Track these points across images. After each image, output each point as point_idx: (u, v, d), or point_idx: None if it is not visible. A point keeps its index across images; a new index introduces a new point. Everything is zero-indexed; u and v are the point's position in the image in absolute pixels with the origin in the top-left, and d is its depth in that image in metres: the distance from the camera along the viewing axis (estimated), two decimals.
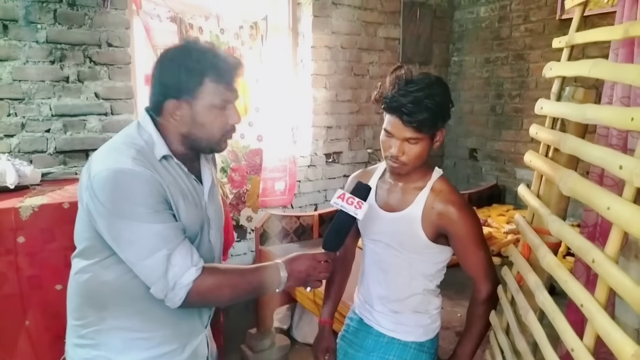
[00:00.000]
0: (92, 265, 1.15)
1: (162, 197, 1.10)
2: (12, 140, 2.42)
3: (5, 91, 2.37)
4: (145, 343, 1.18)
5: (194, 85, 1.11)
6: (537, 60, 3.44)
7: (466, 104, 4.03)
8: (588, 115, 0.95)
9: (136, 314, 1.16)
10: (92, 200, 1.08)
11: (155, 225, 1.07)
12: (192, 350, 1.26)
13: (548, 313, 1.01)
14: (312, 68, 3.39)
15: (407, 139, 1.26)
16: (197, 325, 1.28)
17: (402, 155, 1.28)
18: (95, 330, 1.16)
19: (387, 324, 1.41)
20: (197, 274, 1.09)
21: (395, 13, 3.69)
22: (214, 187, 1.31)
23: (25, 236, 1.77)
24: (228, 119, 1.17)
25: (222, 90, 1.14)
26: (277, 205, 3.33)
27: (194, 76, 1.11)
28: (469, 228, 1.31)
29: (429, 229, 1.31)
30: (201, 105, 1.13)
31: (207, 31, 2.87)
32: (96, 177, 1.07)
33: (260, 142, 3.14)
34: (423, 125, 1.24)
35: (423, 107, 1.22)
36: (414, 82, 1.25)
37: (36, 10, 2.39)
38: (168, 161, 1.15)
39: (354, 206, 1.23)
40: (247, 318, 2.95)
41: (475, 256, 1.34)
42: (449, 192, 1.33)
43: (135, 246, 1.07)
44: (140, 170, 1.07)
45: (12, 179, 1.98)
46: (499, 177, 3.80)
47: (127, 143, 1.12)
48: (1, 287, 1.76)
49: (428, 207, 1.31)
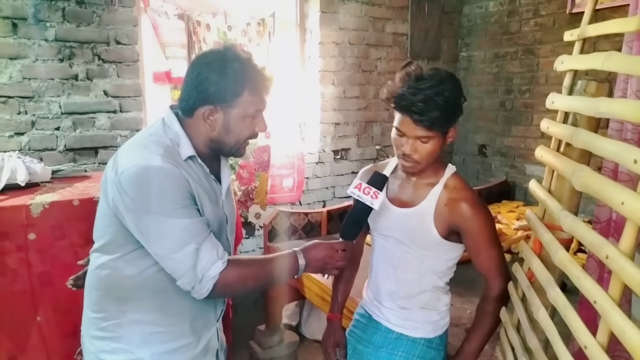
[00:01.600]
0: (114, 260, 1.18)
1: (189, 193, 1.14)
2: (22, 138, 2.44)
3: (15, 89, 2.39)
4: (162, 336, 1.22)
5: (234, 95, 1.16)
6: (547, 55, 3.40)
7: (475, 99, 4.00)
8: (601, 109, 0.94)
9: (156, 308, 1.20)
10: (121, 196, 1.11)
11: (183, 220, 1.11)
12: (205, 343, 1.30)
13: (560, 310, 0.99)
14: (319, 64, 3.38)
15: (419, 137, 1.24)
16: (211, 318, 1.32)
17: (414, 154, 1.27)
18: (116, 323, 1.20)
19: (395, 320, 1.40)
20: (224, 267, 1.14)
21: (403, 8, 3.67)
22: (230, 187, 1.36)
23: (36, 233, 1.78)
24: (255, 127, 1.22)
25: (257, 101, 1.19)
26: (285, 202, 3.33)
27: (235, 86, 1.16)
28: (482, 225, 1.29)
29: (441, 226, 1.30)
30: (236, 114, 1.18)
31: (215, 28, 2.87)
32: (125, 172, 1.10)
33: (268, 139, 3.14)
34: (435, 124, 1.22)
35: (434, 105, 1.19)
36: (425, 78, 1.22)
37: (45, 8, 2.40)
38: (193, 161, 1.20)
39: (371, 196, 1.25)
40: (256, 314, 2.95)
41: (488, 253, 1.32)
42: (462, 188, 1.32)
43: (164, 240, 1.10)
44: (169, 167, 1.10)
45: (22, 177, 1.99)
46: (509, 173, 3.77)
47: (154, 141, 1.16)
48: (12, 284, 1.77)
49: (441, 204, 1.30)
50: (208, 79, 1.15)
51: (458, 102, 1.26)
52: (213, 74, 1.14)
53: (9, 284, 1.76)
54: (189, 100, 1.18)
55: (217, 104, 1.16)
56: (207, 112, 1.17)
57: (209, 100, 1.16)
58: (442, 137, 1.27)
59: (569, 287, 1.31)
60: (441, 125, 1.24)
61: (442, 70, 1.29)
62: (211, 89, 1.15)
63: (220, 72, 1.14)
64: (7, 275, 1.76)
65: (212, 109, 1.16)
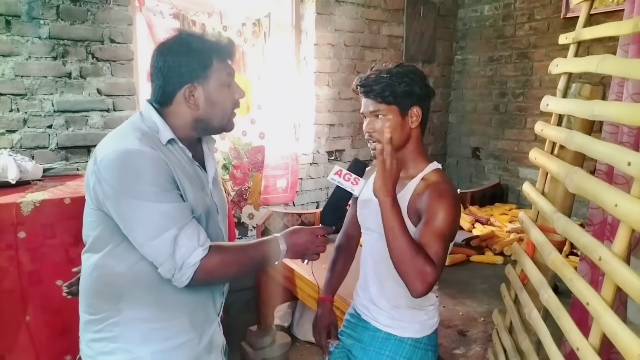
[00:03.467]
0: (104, 257, 1.16)
1: (169, 176, 1.12)
2: (14, 136, 2.42)
3: (7, 87, 2.37)
4: (163, 333, 1.20)
5: (205, 67, 1.17)
6: (542, 59, 3.42)
7: (470, 102, 4.01)
8: (596, 112, 0.94)
9: (152, 304, 1.18)
10: (100, 184, 1.10)
11: (163, 204, 1.09)
12: (208, 339, 1.29)
13: (553, 312, 1.00)
14: (315, 66, 3.38)
15: (373, 112, 1.32)
16: (212, 313, 1.31)
17: (373, 132, 1.32)
18: (113, 322, 1.17)
19: (383, 320, 1.40)
20: (204, 254, 1.11)
21: (399, 11, 3.68)
22: (217, 177, 1.35)
23: (26, 232, 1.77)
24: (234, 95, 1.24)
25: (227, 67, 1.21)
26: (279, 203, 3.32)
27: (203, 58, 1.17)
28: (443, 219, 1.19)
29: (414, 217, 1.28)
30: (213, 85, 1.19)
31: (210, 28, 2.86)
32: (104, 160, 1.09)
33: (263, 140, 3.13)
34: (382, 95, 1.29)
35: (382, 80, 1.29)
36: (387, 68, 1.33)
37: (39, 6, 2.38)
38: (173, 146, 1.19)
39: (351, 182, 1.27)
40: (248, 315, 2.94)
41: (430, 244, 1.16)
42: (441, 182, 1.29)
43: (143, 226, 1.09)
44: (147, 150, 1.09)
45: (13, 175, 1.98)
46: (502, 177, 3.78)
47: (131, 129, 1.16)
48: (2, 283, 1.76)
49: (415, 194, 1.30)
50: (176, 61, 1.16)
51: (413, 86, 1.30)
52: (179, 56, 1.17)
53: None
54: (165, 88, 1.19)
55: (194, 81, 1.17)
56: (187, 93, 1.18)
57: (185, 81, 1.17)
58: (399, 115, 1.30)
59: (561, 289, 1.31)
60: (389, 97, 1.29)
61: (409, 65, 1.38)
62: (183, 70, 1.16)
63: (185, 51, 1.17)
64: None
65: (191, 87, 1.17)
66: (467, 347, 1.69)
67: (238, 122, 3.15)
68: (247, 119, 3.06)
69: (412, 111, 1.31)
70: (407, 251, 1.11)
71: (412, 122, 1.32)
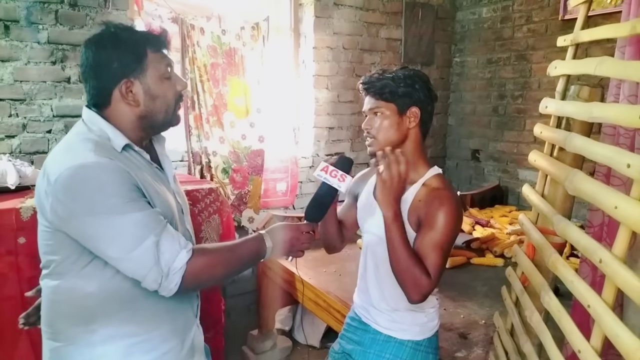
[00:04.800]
0: (70, 279, 1.09)
1: (133, 185, 1.05)
2: (13, 141, 2.41)
3: (6, 92, 2.37)
4: (144, 346, 1.14)
5: (138, 59, 1.10)
6: (540, 60, 3.43)
7: (468, 104, 4.02)
8: (594, 113, 0.94)
9: (128, 319, 1.12)
10: (59, 205, 1.02)
11: (134, 214, 1.02)
12: (190, 344, 1.24)
13: (554, 314, 0.99)
14: (313, 69, 3.39)
15: (372, 110, 1.33)
16: (190, 316, 1.26)
17: (370, 129, 1.33)
18: (86, 344, 1.10)
19: (383, 322, 1.40)
20: (189, 256, 1.06)
21: (397, 14, 3.68)
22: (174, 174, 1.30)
23: (26, 237, 1.76)
24: (176, 86, 1.18)
25: (164, 57, 1.15)
26: (278, 206, 3.32)
27: (135, 50, 1.10)
28: (442, 227, 1.21)
29: (414, 222, 1.28)
30: (150, 77, 1.12)
31: (209, 32, 2.87)
32: (58, 179, 1.01)
33: (262, 143, 3.13)
34: (381, 93, 1.30)
35: (383, 79, 1.31)
36: (393, 71, 1.34)
37: (38, 10, 2.38)
38: (128, 151, 1.12)
39: (338, 179, 1.26)
40: (249, 319, 2.94)
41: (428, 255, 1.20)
42: (441, 187, 1.29)
43: (118, 241, 1.02)
44: (104, 161, 1.02)
45: (13, 180, 1.97)
46: (502, 178, 3.79)
47: (80, 140, 1.08)
48: (2, 289, 1.75)
49: (416, 200, 1.29)
50: (106, 57, 1.08)
51: (413, 87, 1.31)
52: (108, 51, 1.08)
53: None
54: (98, 88, 1.11)
55: (129, 76, 1.10)
56: (123, 89, 1.10)
57: (119, 76, 1.09)
58: (397, 114, 1.31)
59: (562, 291, 1.31)
60: (387, 94, 1.30)
61: (415, 69, 1.38)
62: (114, 65, 1.08)
63: (115, 45, 1.09)
64: None
65: (127, 82, 1.10)
66: (468, 349, 1.68)
67: (237, 125, 3.15)
68: (246, 123, 3.06)
69: (410, 110, 1.31)
70: (406, 263, 1.17)
71: (409, 122, 1.32)
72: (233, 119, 3.01)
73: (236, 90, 3.00)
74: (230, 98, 2.98)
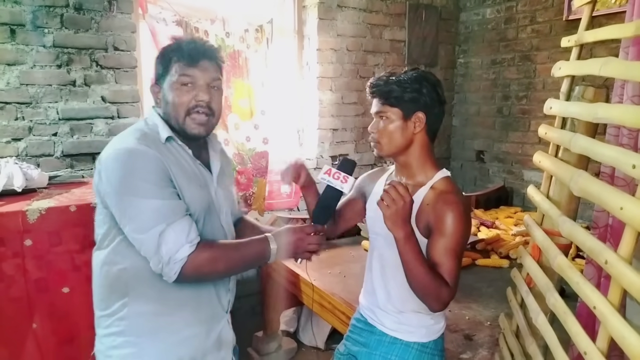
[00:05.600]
0: (109, 253, 1.21)
1: (164, 174, 1.16)
2: (19, 144, 2.43)
3: (12, 95, 2.38)
4: (167, 327, 1.23)
5: (166, 68, 1.24)
6: (544, 61, 3.42)
7: (473, 105, 4.01)
8: (599, 114, 0.94)
9: (155, 298, 1.21)
10: (101, 181, 1.17)
11: (155, 200, 1.12)
12: (216, 336, 1.31)
13: (559, 315, 0.99)
14: (317, 71, 3.39)
15: (378, 113, 1.33)
16: (218, 309, 1.32)
17: (375, 132, 1.34)
18: (119, 317, 1.21)
19: (389, 324, 1.40)
20: (191, 250, 1.14)
21: (400, 15, 3.69)
22: (225, 176, 1.39)
23: (32, 239, 1.78)
24: (193, 97, 1.23)
25: (184, 68, 1.22)
26: (283, 207, 3.32)
27: (165, 60, 1.25)
28: (453, 232, 1.21)
29: (422, 225, 1.28)
30: (167, 85, 1.24)
31: (213, 35, 2.88)
32: (103, 159, 1.17)
33: (266, 145, 3.14)
34: (386, 97, 1.30)
35: (389, 83, 1.30)
36: (401, 73, 1.33)
37: (43, 14, 2.40)
38: (171, 143, 1.23)
39: (340, 180, 1.29)
40: (254, 321, 2.94)
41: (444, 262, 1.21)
42: (450, 191, 1.28)
43: (134, 221, 1.13)
44: (142, 148, 1.15)
45: (19, 182, 1.99)
46: (507, 179, 3.78)
47: (132, 130, 1.24)
48: (9, 290, 1.76)
49: (424, 204, 1.29)
50: (154, 64, 1.29)
51: (420, 92, 1.30)
52: (156, 59, 1.29)
53: (4, 290, 1.75)
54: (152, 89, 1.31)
55: (158, 82, 1.27)
56: (155, 92, 1.27)
57: (155, 82, 1.28)
58: (402, 119, 1.31)
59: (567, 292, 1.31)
60: (392, 99, 1.30)
61: (426, 72, 1.37)
62: (155, 72, 1.28)
63: (158, 54, 1.28)
64: (3, 282, 1.75)
65: (156, 87, 1.27)
66: (474, 351, 1.68)
67: (241, 127, 3.16)
68: (250, 125, 3.06)
69: (416, 115, 1.31)
70: (425, 279, 1.18)
71: (415, 127, 1.32)
72: (237, 121, 3.01)
73: (240, 92, 3.01)
74: (235, 100, 2.99)
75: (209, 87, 1.24)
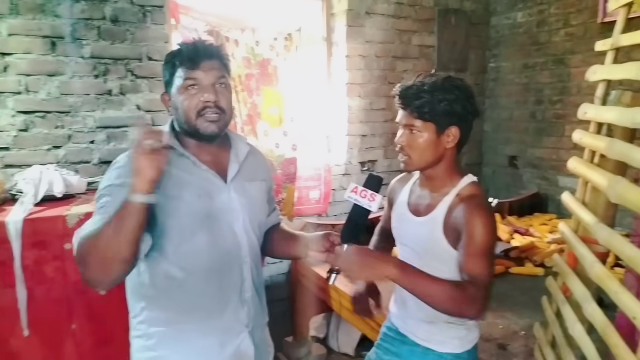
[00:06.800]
0: None
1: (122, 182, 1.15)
2: (59, 152, 2.53)
3: (53, 105, 2.48)
4: (181, 336, 1.23)
5: (171, 74, 1.25)
6: (579, 65, 3.34)
7: (505, 110, 3.95)
8: (638, 119, 0.92)
9: (167, 307, 1.22)
10: None
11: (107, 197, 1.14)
12: (233, 350, 1.27)
13: (598, 326, 0.97)
14: (346, 77, 3.40)
15: (408, 126, 1.27)
16: (233, 322, 1.28)
17: (404, 144, 1.28)
18: (140, 321, 1.25)
19: (421, 334, 1.38)
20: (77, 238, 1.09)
21: (430, 21, 3.67)
22: (248, 182, 1.34)
23: (71, 243, 1.84)
24: (201, 99, 1.22)
25: (187, 72, 1.21)
26: (312, 213, 3.33)
27: (170, 67, 1.25)
28: (480, 236, 1.18)
29: (451, 235, 1.26)
30: (174, 90, 1.24)
31: (243, 44, 2.93)
32: None
33: (295, 151, 3.16)
34: (419, 111, 1.23)
35: (422, 95, 1.23)
36: (432, 80, 1.25)
37: (82, 27, 2.49)
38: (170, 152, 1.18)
39: (368, 199, 1.24)
40: (284, 326, 2.96)
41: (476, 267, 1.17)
42: (475, 197, 1.26)
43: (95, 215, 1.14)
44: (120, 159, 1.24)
45: (60, 189, 2.07)
46: (541, 186, 3.69)
47: None
48: (50, 292, 1.83)
49: (450, 212, 1.27)
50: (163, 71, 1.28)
51: (454, 105, 1.24)
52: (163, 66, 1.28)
53: (46, 292, 1.82)
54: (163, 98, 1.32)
55: (166, 89, 1.27)
56: (165, 100, 1.29)
57: (165, 89, 1.28)
58: (435, 134, 1.25)
59: (606, 302, 1.27)
60: (426, 114, 1.23)
61: (458, 79, 1.29)
62: (165, 79, 1.27)
63: (165, 61, 1.27)
64: (45, 284, 1.82)
65: (166, 95, 1.28)
66: None
67: (271, 134, 3.19)
68: (280, 132, 3.10)
69: (450, 131, 1.26)
70: (444, 294, 1.12)
71: (447, 142, 1.27)
72: (267, 128, 3.05)
73: (270, 100, 3.05)
74: (264, 108, 3.03)
75: (215, 87, 1.23)
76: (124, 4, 2.58)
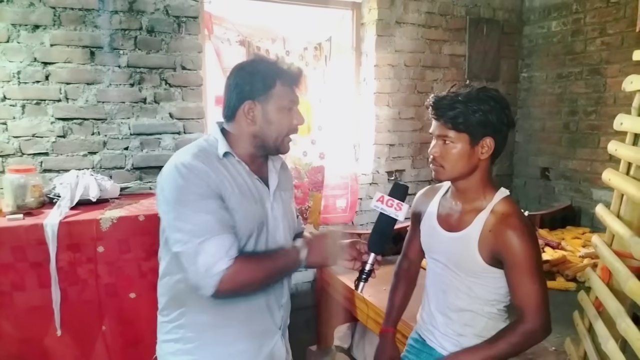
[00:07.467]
0: (168, 264, 1.26)
1: (212, 190, 1.18)
2: (95, 157, 2.61)
3: (90, 112, 2.57)
4: (221, 339, 1.26)
5: (267, 87, 1.25)
6: (615, 74, 3.25)
7: (537, 121, 3.87)
8: None
9: (210, 310, 1.24)
10: (158, 194, 1.22)
11: (202, 214, 1.14)
12: (268, 351, 1.33)
13: (632, 342, 0.93)
14: (375, 86, 3.41)
15: (441, 136, 1.26)
16: (270, 325, 1.34)
17: (437, 155, 1.28)
18: (178, 325, 1.27)
19: (450, 347, 1.36)
20: (229, 264, 1.14)
21: (460, 30, 3.64)
22: (283, 191, 1.39)
23: (104, 246, 1.89)
24: (293, 119, 1.29)
25: (290, 93, 1.27)
26: (338, 222, 3.33)
27: (266, 79, 1.25)
28: (525, 256, 1.20)
29: (486, 252, 1.25)
30: (272, 105, 1.26)
31: (274, 54, 2.97)
32: (162, 173, 1.22)
33: (323, 160, 3.18)
34: (453, 122, 1.23)
35: (456, 105, 1.22)
36: (467, 90, 1.25)
37: (119, 37, 2.58)
38: (228, 158, 1.25)
39: (394, 208, 1.25)
40: (308, 335, 2.95)
41: (528, 287, 1.21)
42: (510, 214, 1.24)
43: (180, 232, 1.15)
44: (195, 163, 1.18)
45: (94, 193, 2.13)
46: (574, 198, 3.59)
47: (192, 145, 1.29)
48: (82, 293, 1.89)
49: (486, 229, 1.25)
50: (243, 79, 1.27)
51: (489, 115, 1.23)
52: (246, 75, 1.27)
53: (79, 293, 1.88)
54: (230, 104, 1.29)
55: (254, 99, 1.25)
56: (246, 108, 1.25)
57: (247, 97, 1.25)
58: (469, 144, 1.24)
59: None
60: (459, 125, 1.22)
61: (493, 90, 1.28)
62: (247, 88, 1.25)
63: (252, 71, 1.27)
64: (78, 285, 1.88)
65: (251, 104, 1.25)
66: None
67: (298, 142, 3.22)
68: (307, 140, 3.12)
69: (484, 141, 1.25)
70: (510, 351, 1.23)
71: (481, 153, 1.26)
72: (295, 136, 3.08)
73: None
74: None
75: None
76: (160, 14, 2.66)
